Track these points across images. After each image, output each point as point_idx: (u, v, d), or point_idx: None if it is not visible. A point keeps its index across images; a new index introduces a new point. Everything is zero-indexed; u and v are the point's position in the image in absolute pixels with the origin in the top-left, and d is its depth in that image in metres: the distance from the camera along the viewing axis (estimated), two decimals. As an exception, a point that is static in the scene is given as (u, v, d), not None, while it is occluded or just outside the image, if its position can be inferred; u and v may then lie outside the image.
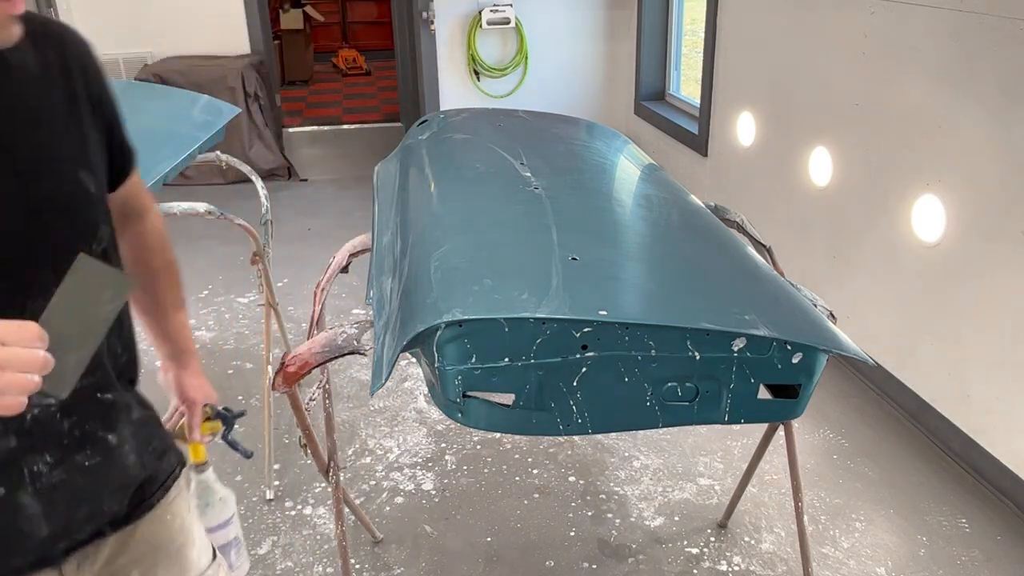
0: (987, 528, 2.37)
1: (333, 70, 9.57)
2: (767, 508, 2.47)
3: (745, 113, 3.83)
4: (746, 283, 1.54)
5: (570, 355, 1.28)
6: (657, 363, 1.31)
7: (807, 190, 3.33)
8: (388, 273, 1.62)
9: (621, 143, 2.41)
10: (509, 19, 5.11)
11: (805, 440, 2.77)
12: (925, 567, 2.24)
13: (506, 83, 5.35)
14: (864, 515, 2.43)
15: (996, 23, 2.31)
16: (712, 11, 4.05)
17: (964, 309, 2.54)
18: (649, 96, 5.21)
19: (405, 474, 2.64)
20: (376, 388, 1.31)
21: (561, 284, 1.36)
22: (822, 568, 2.23)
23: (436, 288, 1.37)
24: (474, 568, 2.26)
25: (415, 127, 2.42)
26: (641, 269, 1.57)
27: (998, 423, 2.46)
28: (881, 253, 2.90)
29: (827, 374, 3.11)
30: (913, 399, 2.82)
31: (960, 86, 2.47)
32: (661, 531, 2.38)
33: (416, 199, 1.87)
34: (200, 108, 2.94)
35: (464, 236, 1.61)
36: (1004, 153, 2.33)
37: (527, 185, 1.85)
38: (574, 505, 2.49)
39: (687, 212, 1.88)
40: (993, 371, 2.45)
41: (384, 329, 1.43)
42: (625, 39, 5.35)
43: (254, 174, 3.01)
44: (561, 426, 1.35)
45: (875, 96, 2.86)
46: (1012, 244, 2.32)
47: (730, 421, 1.38)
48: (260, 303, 3.21)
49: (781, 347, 1.32)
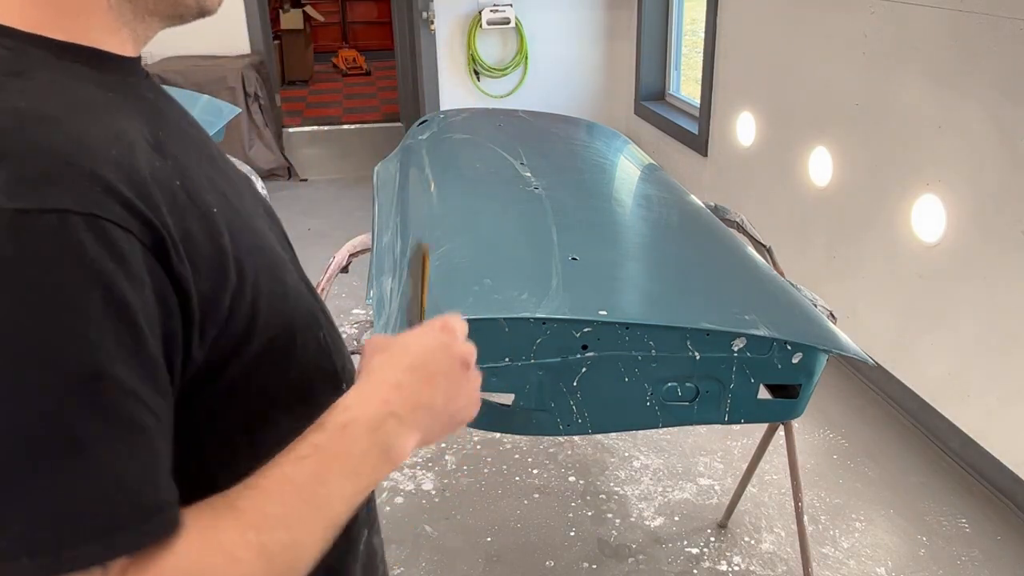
0: (987, 528, 2.37)
1: (333, 70, 9.57)
2: (767, 508, 2.47)
3: (745, 113, 3.83)
4: (746, 283, 1.54)
5: (570, 355, 1.28)
6: (657, 363, 1.31)
7: (807, 190, 3.33)
8: (388, 273, 1.62)
9: (621, 143, 2.41)
10: (509, 19, 5.11)
11: (805, 440, 2.77)
12: (925, 567, 2.24)
13: (506, 83, 5.35)
14: (864, 515, 2.43)
15: (996, 23, 2.31)
16: (712, 11, 4.05)
17: (964, 309, 2.53)
18: (649, 96, 5.20)
19: (405, 474, 2.64)
20: (376, 388, 1.31)
21: (561, 284, 1.36)
22: (822, 568, 2.23)
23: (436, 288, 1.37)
24: (474, 568, 2.26)
25: (415, 127, 2.43)
26: (641, 269, 1.57)
27: (998, 423, 2.46)
28: (881, 253, 2.90)
29: (827, 374, 3.11)
30: (913, 399, 2.82)
31: (960, 86, 2.47)
32: (661, 531, 2.38)
33: (416, 199, 1.87)
34: (200, 108, 2.94)
35: (464, 236, 1.61)
36: (1004, 153, 2.33)
37: (527, 185, 1.85)
38: (574, 505, 2.49)
39: (687, 212, 1.88)
40: (993, 371, 2.45)
41: (384, 329, 1.43)
42: (625, 39, 5.35)
43: (254, 174, 3.01)
44: (561, 426, 1.35)
45: (875, 96, 2.86)
46: (1012, 244, 2.32)
47: (730, 421, 1.38)
48: (260, 303, 3.20)
49: (781, 347, 1.32)
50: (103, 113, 0.59)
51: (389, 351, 0.69)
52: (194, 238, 0.59)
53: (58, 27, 0.61)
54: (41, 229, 0.50)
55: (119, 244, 0.53)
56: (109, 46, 0.64)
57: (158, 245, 0.56)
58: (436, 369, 0.68)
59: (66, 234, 0.51)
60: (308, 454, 0.59)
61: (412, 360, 0.67)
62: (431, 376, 0.67)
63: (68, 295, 0.51)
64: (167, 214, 0.57)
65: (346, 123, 7.24)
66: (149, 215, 0.55)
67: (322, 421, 0.63)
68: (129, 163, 0.57)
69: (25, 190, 0.51)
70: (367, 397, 0.64)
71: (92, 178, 0.53)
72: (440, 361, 0.68)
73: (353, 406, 0.63)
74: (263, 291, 0.65)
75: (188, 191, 0.61)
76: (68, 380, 0.50)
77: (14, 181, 0.51)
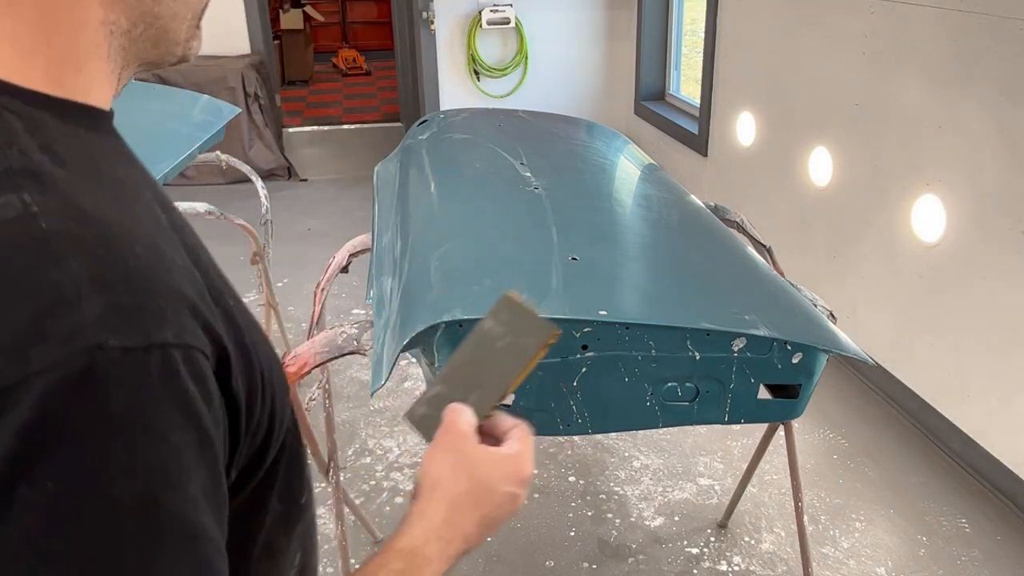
0: (987, 528, 2.37)
1: (333, 70, 9.56)
2: (767, 508, 2.47)
3: (745, 113, 3.83)
4: (746, 283, 1.54)
5: (570, 355, 1.28)
6: (657, 363, 1.31)
7: (807, 190, 3.33)
8: (388, 273, 1.62)
9: (621, 143, 2.41)
10: (509, 19, 5.11)
11: (805, 440, 2.77)
12: (925, 567, 2.24)
13: (506, 83, 5.35)
14: (864, 515, 2.43)
15: (996, 23, 2.31)
16: (712, 11, 4.05)
17: (964, 309, 2.53)
18: (649, 96, 5.20)
19: (405, 474, 2.64)
20: (376, 388, 1.31)
21: (561, 284, 1.36)
22: (822, 568, 2.23)
23: (436, 288, 1.37)
24: (474, 568, 2.26)
25: (415, 127, 2.43)
26: (641, 269, 1.57)
27: (998, 423, 2.46)
28: (881, 253, 2.90)
29: (827, 374, 3.10)
30: (913, 399, 2.82)
31: (960, 86, 2.47)
32: (661, 531, 2.38)
33: (416, 199, 1.87)
34: (200, 108, 2.93)
35: (464, 236, 1.61)
36: (1004, 153, 2.33)
37: (527, 185, 1.85)
38: (574, 505, 2.49)
39: (687, 212, 1.88)
40: (993, 371, 2.45)
41: (384, 329, 1.43)
42: (625, 39, 5.35)
43: (254, 174, 3.02)
44: (561, 426, 1.35)
45: (875, 96, 2.86)
46: (1012, 244, 2.32)
47: (730, 421, 1.38)
48: (260, 303, 3.21)
49: (781, 347, 1.32)
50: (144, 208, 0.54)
51: (468, 476, 0.69)
52: (235, 345, 0.54)
53: (58, 84, 0.53)
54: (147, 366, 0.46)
55: (204, 373, 0.49)
56: (99, 102, 0.57)
57: (222, 365, 0.51)
58: (494, 523, 0.70)
59: (168, 371, 0.47)
60: None
61: (488, 511, 0.69)
62: (487, 529, 0.70)
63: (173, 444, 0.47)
64: (218, 325, 0.52)
65: (346, 123, 7.24)
66: (217, 332, 0.51)
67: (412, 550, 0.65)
68: (191, 272, 0.52)
69: (126, 324, 0.46)
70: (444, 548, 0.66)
71: (181, 299, 0.49)
72: (504, 514, 0.71)
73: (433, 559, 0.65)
74: (276, 387, 0.60)
75: (209, 285, 0.54)
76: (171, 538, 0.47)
77: (113, 312, 0.45)
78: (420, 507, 0.68)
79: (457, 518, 0.67)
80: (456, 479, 0.69)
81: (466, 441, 0.70)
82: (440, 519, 0.67)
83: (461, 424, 0.71)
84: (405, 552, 0.64)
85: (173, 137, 2.62)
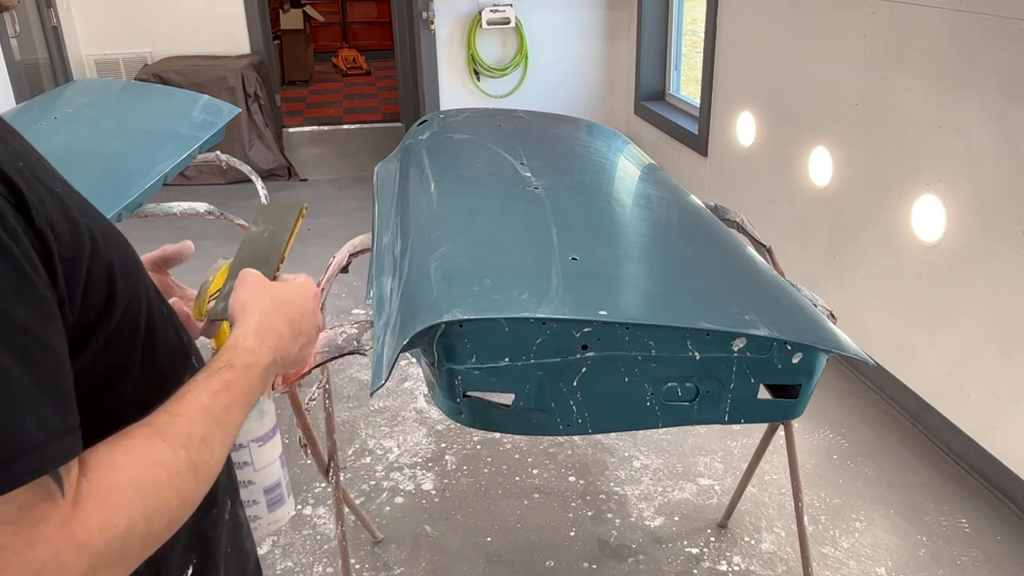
0: (987, 528, 2.37)
1: (333, 70, 9.57)
2: (767, 508, 2.47)
3: (745, 113, 3.83)
4: (746, 283, 1.54)
5: (570, 355, 1.28)
6: (657, 363, 1.31)
7: (807, 190, 3.33)
8: (388, 273, 1.62)
9: (621, 143, 2.41)
10: (509, 19, 5.11)
11: (805, 440, 2.77)
12: (925, 567, 2.24)
13: (506, 83, 5.35)
14: (864, 515, 2.43)
15: (996, 23, 2.31)
16: (712, 11, 4.05)
17: (964, 309, 2.54)
18: (649, 96, 5.21)
19: (405, 474, 2.64)
20: (376, 388, 1.31)
21: (561, 284, 1.36)
22: (822, 568, 2.23)
23: (436, 288, 1.37)
24: (474, 568, 2.26)
25: (415, 127, 2.42)
26: (641, 269, 1.57)
27: (998, 423, 2.46)
28: (881, 253, 2.90)
29: (827, 374, 3.11)
30: (913, 399, 2.82)
31: (960, 86, 2.47)
32: (661, 531, 2.38)
33: (416, 199, 1.87)
34: (200, 108, 2.93)
35: (464, 236, 1.61)
36: (1004, 153, 2.33)
37: (527, 185, 1.85)
38: (574, 505, 2.49)
39: (687, 212, 1.88)
40: (993, 371, 2.45)
41: (384, 329, 1.43)
42: (625, 39, 5.35)
43: (254, 174, 3.02)
44: (561, 426, 1.35)
45: (875, 96, 2.86)
46: (1012, 244, 2.32)
47: (730, 421, 1.38)
48: (260, 303, 3.20)
49: (781, 347, 1.32)
50: None
51: (270, 295, 0.87)
52: (47, 206, 0.65)
53: None
54: None
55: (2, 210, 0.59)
56: None
57: (21, 205, 0.62)
58: (303, 328, 0.88)
59: None
60: (221, 388, 0.74)
61: (293, 316, 0.87)
62: (299, 334, 0.87)
63: None
64: (21, 182, 0.63)
65: (346, 123, 7.24)
66: (10, 176, 0.62)
67: (230, 361, 0.77)
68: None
69: None
70: (262, 342, 0.82)
71: None
72: (308, 322, 0.89)
73: (254, 350, 0.80)
74: (116, 261, 0.72)
75: (32, 171, 0.66)
76: None
77: None
78: (237, 327, 0.83)
79: (268, 320, 0.84)
80: (260, 297, 0.86)
81: (261, 278, 0.89)
82: (254, 322, 0.83)
83: (253, 273, 0.90)
84: (228, 348, 0.79)
85: (173, 137, 2.62)
